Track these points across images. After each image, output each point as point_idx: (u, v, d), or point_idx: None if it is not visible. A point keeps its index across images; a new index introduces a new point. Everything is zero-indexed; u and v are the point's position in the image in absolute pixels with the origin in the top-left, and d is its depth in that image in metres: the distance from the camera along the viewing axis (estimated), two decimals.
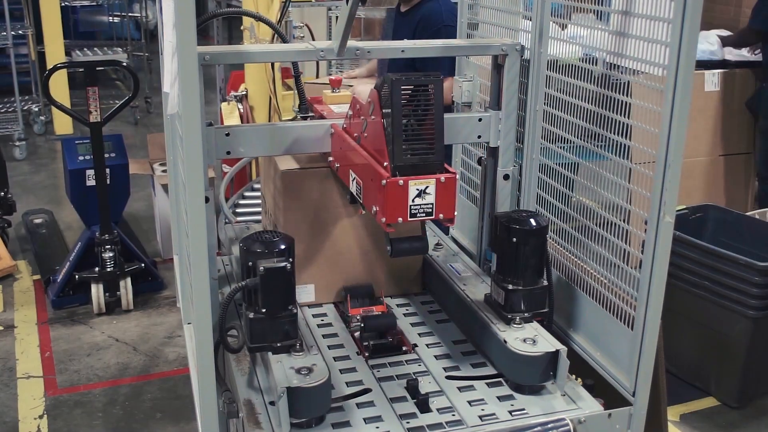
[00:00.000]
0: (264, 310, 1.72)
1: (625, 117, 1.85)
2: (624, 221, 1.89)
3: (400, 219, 1.67)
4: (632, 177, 1.87)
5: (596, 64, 1.96)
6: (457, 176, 1.74)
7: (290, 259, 1.73)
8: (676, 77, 1.62)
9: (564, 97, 2.08)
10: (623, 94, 1.86)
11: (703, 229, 3.49)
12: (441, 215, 1.71)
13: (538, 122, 2.17)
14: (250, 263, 1.73)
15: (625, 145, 1.86)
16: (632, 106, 1.83)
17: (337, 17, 6.08)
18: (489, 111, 2.17)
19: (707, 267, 3.05)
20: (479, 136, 2.17)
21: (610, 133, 1.89)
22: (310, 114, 2.29)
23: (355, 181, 1.87)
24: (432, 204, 1.69)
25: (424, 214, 1.69)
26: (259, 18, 2.51)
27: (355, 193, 1.88)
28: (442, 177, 1.68)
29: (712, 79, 4.36)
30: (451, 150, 2.65)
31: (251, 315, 1.73)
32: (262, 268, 1.69)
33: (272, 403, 1.74)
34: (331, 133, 2.04)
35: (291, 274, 1.72)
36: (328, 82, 2.42)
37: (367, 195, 1.79)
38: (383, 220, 1.68)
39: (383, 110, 1.69)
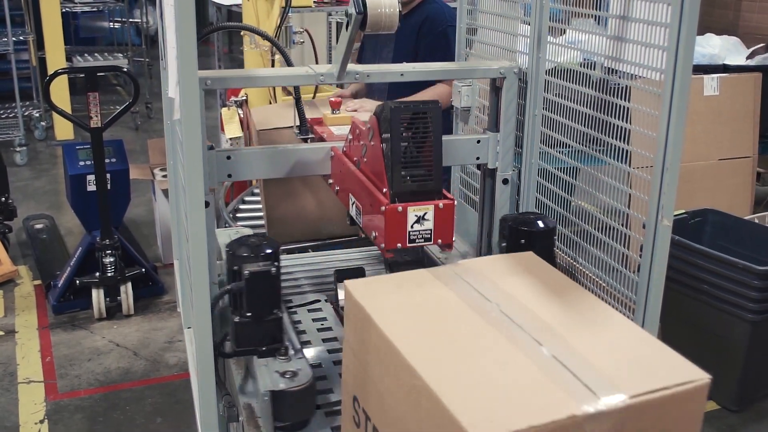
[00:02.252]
0: (249, 314, 1.73)
1: (623, 121, 1.86)
2: (623, 225, 1.90)
3: (399, 245, 1.70)
4: (631, 181, 1.88)
5: (595, 69, 1.97)
6: (455, 202, 1.76)
7: (276, 263, 1.74)
8: (673, 81, 1.63)
9: (563, 101, 2.09)
10: (622, 99, 1.87)
11: (703, 234, 3.49)
12: (439, 240, 1.74)
13: (536, 127, 2.18)
14: (236, 267, 1.75)
15: (623, 149, 1.87)
16: (631, 110, 1.84)
17: (337, 22, 6.10)
18: (487, 133, 2.19)
19: (706, 271, 3.05)
20: (477, 158, 2.20)
21: (609, 137, 1.90)
22: (311, 136, 2.31)
23: (354, 205, 1.89)
24: (430, 230, 1.72)
25: (422, 240, 1.73)
26: (258, 32, 2.53)
27: (354, 217, 1.91)
28: (441, 203, 1.72)
29: (712, 84, 4.36)
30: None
31: (237, 319, 1.74)
32: (247, 272, 1.70)
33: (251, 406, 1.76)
34: (331, 156, 2.06)
35: (276, 278, 1.73)
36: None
37: (366, 220, 1.82)
38: (382, 246, 1.70)
39: (382, 137, 1.71)
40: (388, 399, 1.31)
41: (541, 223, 1.96)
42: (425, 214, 1.70)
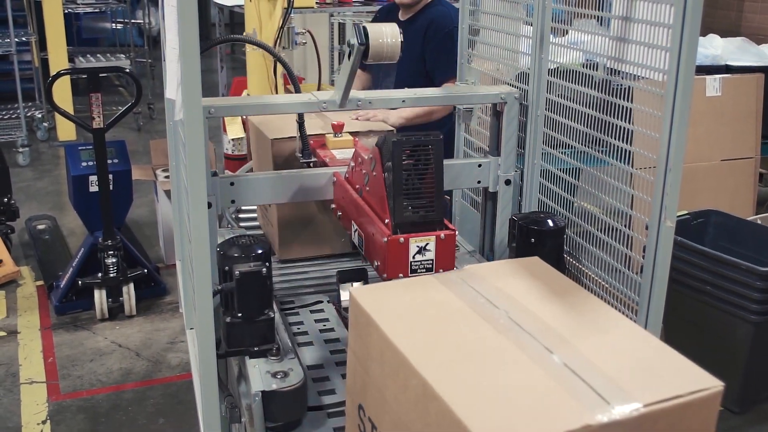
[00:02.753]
0: (240, 315, 1.73)
1: (626, 122, 1.86)
2: (625, 226, 1.90)
3: (401, 275, 1.71)
4: (633, 182, 1.88)
5: (597, 70, 1.97)
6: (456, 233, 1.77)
7: (267, 264, 1.74)
8: (676, 82, 1.63)
9: (565, 102, 2.09)
10: (624, 100, 1.87)
11: (705, 234, 3.49)
12: (441, 270, 1.75)
13: (539, 127, 2.18)
14: (227, 268, 1.75)
15: (626, 150, 1.87)
16: (633, 111, 1.84)
17: (339, 23, 6.10)
18: (488, 157, 2.21)
19: (709, 272, 3.05)
20: (479, 182, 2.22)
21: (612, 138, 1.90)
22: (313, 159, 2.32)
23: (357, 232, 1.90)
24: (432, 260, 1.73)
25: (424, 270, 1.74)
26: (260, 45, 2.53)
27: (357, 244, 1.92)
28: (442, 234, 1.73)
29: (714, 84, 4.36)
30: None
31: (228, 319, 1.74)
32: (238, 272, 1.70)
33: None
34: (334, 181, 2.07)
35: (267, 278, 1.73)
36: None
37: (368, 248, 1.84)
38: (384, 276, 1.72)
39: (384, 168, 1.73)
40: (395, 407, 1.29)
41: (551, 222, 1.97)
42: (427, 244, 1.72)
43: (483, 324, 1.36)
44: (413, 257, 1.71)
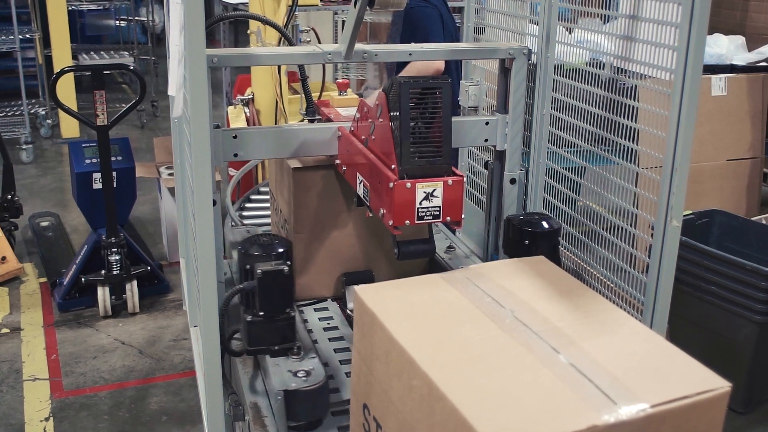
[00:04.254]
0: (262, 313, 1.72)
1: (631, 121, 1.85)
2: (631, 225, 1.90)
3: (407, 222, 1.68)
4: (639, 181, 1.87)
5: (603, 68, 1.97)
6: (464, 179, 1.74)
7: (288, 262, 1.73)
8: (683, 81, 1.62)
9: (571, 101, 2.08)
10: (630, 99, 1.86)
11: (710, 234, 3.48)
12: (448, 218, 1.71)
13: (544, 126, 2.18)
14: (248, 266, 1.74)
15: (631, 149, 1.86)
16: (639, 110, 1.84)
17: (343, 21, 6.09)
18: (496, 114, 2.17)
19: (713, 272, 3.04)
20: (486, 140, 2.17)
21: (617, 137, 1.89)
22: (317, 117, 2.29)
23: (362, 183, 1.87)
24: (439, 207, 1.69)
25: (431, 217, 1.70)
26: (266, 21, 2.52)
27: (362, 196, 1.88)
28: (450, 180, 1.69)
29: (719, 84, 4.35)
30: (458, 154, 2.65)
31: (249, 318, 1.74)
32: (259, 271, 1.69)
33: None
34: (338, 135, 2.04)
35: (289, 277, 1.72)
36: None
37: (374, 198, 1.79)
38: (390, 222, 1.68)
39: (391, 113, 1.69)
40: (399, 407, 1.28)
41: (545, 224, 1.96)
42: (434, 190, 1.67)
43: (489, 323, 1.35)
44: (420, 203, 1.67)
